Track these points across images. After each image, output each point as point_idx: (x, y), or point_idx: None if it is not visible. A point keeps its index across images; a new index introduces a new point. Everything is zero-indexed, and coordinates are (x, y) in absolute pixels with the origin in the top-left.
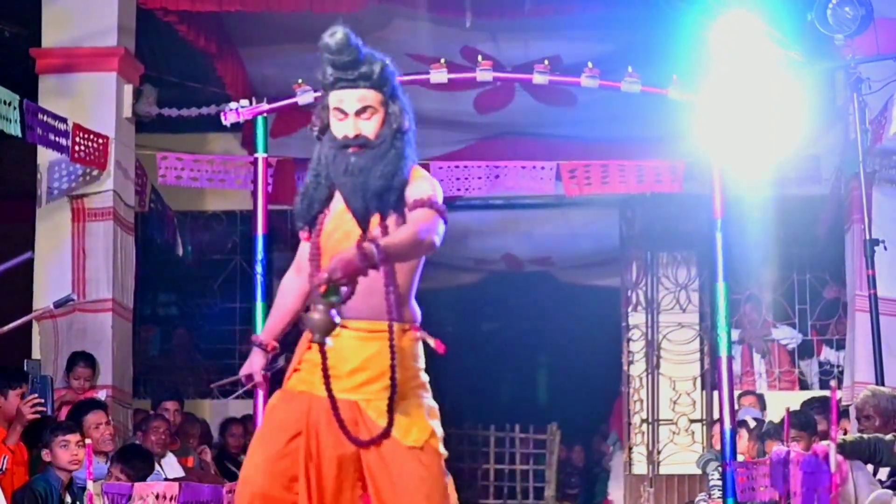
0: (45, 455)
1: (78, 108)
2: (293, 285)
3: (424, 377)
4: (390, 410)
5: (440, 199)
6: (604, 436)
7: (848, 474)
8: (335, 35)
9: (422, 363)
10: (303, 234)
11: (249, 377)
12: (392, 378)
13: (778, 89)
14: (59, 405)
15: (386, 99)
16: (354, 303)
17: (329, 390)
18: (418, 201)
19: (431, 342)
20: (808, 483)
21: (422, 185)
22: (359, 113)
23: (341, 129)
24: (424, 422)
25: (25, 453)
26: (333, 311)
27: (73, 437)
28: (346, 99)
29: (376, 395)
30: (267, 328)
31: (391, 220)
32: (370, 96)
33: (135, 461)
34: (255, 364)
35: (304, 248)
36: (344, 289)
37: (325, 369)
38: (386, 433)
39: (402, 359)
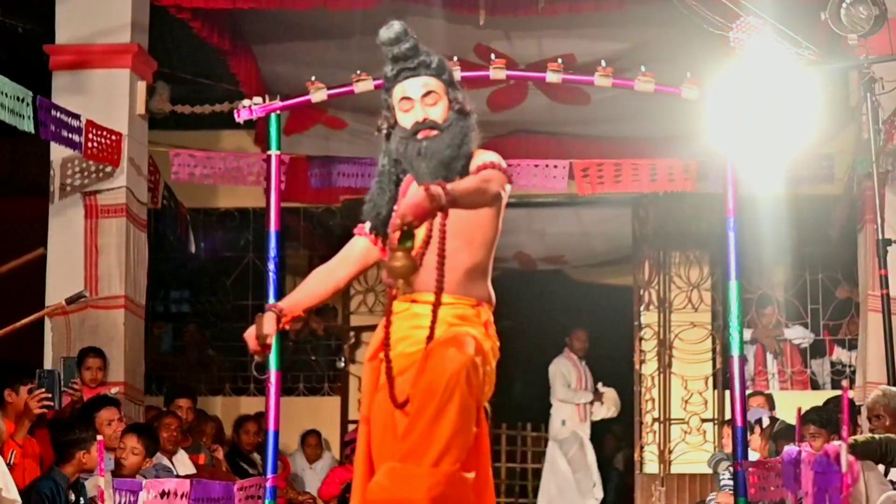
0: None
1: (91, 105)
2: (333, 274)
3: (483, 343)
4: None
5: (503, 165)
6: (616, 436)
7: (859, 474)
8: (392, 27)
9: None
10: (357, 229)
11: (264, 347)
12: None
13: (791, 88)
14: (71, 403)
15: (447, 86)
16: (424, 277)
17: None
18: (482, 165)
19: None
20: (820, 483)
21: (485, 155)
22: (424, 98)
23: (410, 117)
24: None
25: (36, 447)
26: (411, 255)
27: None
28: (410, 87)
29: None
30: (289, 300)
31: None
32: (432, 83)
33: (148, 432)
34: (267, 327)
35: (355, 243)
36: (416, 233)
37: (386, 337)
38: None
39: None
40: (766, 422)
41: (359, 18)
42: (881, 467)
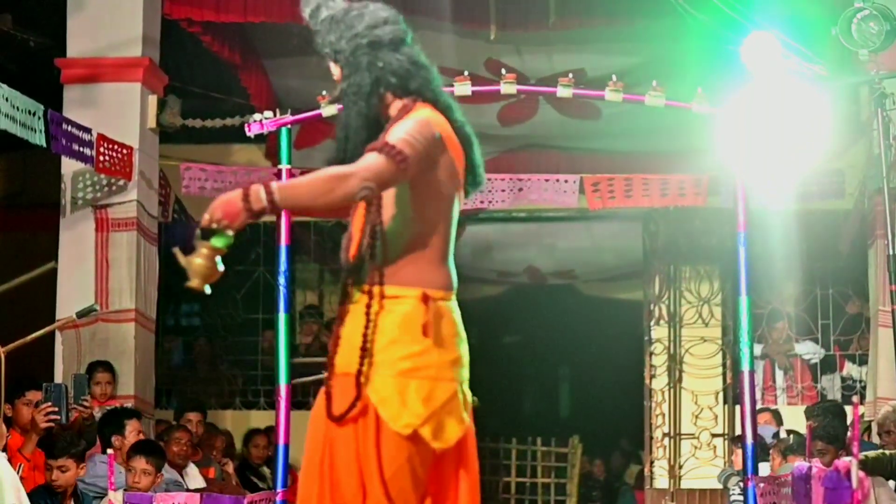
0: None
1: (102, 119)
2: None
3: (415, 361)
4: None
5: (411, 138)
6: (624, 453)
7: (870, 490)
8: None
9: (415, 337)
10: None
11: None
12: (362, 348)
13: (802, 104)
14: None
15: (332, 54)
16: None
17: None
18: (371, 146)
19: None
20: (830, 499)
21: (393, 130)
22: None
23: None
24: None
25: (43, 459)
26: (218, 258)
27: (71, 464)
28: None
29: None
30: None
31: None
32: (331, 67)
33: (156, 451)
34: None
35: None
36: (230, 232)
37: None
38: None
39: (375, 328)
40: (770, 440)
41: None
42: (892, 483)
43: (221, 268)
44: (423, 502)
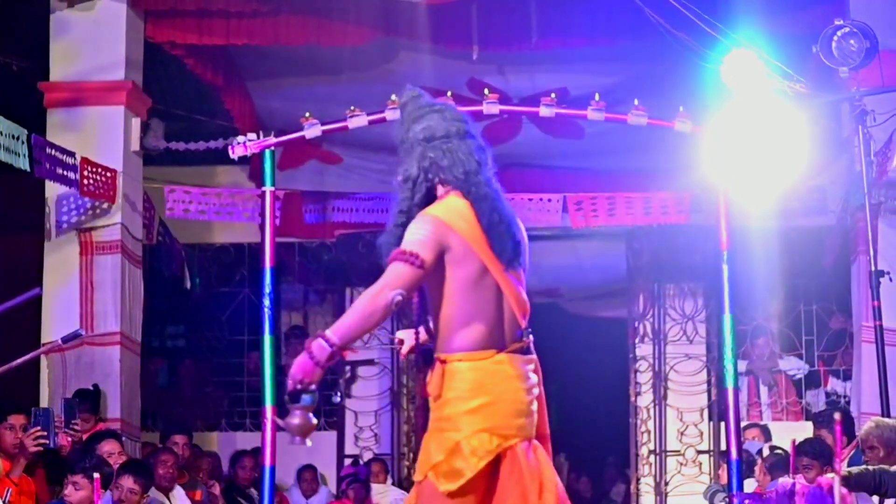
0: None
1: (86, 142)
2: None
3: (456, 408)
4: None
5: (420, 237)
6: (610, 470)
7: None
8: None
9: (456, 393)
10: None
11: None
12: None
13: (783, 121)
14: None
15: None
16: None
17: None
18: (392, 256)
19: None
20: None
21: (409, 229)
22: None
23: None
24: (428, 455)
25: (32, 485)
26: (310, 414)
27: (85, 482)
28: None
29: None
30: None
31: None
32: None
33: (143, 471)
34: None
35: None
36: (313, 387)
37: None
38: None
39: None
40: (757, 454)
41: (351, 54)
42: (875, 499)
43: (315, 421)
44: None
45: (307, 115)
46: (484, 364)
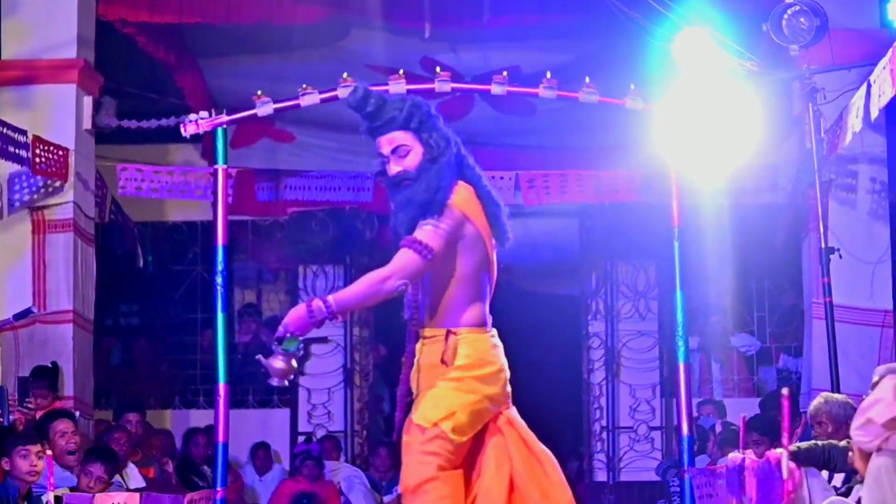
0: (5, 464)
1: (38, 120)
2: None
3: (470, 372)
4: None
5: (438, 228)
6: (563, 447)
7: (801, 481)
8: (356, 92)
9: (469, 361)
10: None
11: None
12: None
13: (734, 99)
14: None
15: (417, 133)
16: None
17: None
18: (405, 241)
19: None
20: (762, 490)
21: (420, 229)
22: (395, 152)
23: (389, 170)
24: (437, 404)
25: None
26: (291, 360)
27: (34, 448)
28: (381, 144)
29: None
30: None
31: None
32: (400, 136)
33: (110, 456)
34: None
35: None
36: (300, 338)
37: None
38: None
39: (431, 357)
40: (710, 430)
41: (303, 32)
42: (825, 473)
43: (295, 365)
44: None
45: (259, 93)
46: (485, 337)
